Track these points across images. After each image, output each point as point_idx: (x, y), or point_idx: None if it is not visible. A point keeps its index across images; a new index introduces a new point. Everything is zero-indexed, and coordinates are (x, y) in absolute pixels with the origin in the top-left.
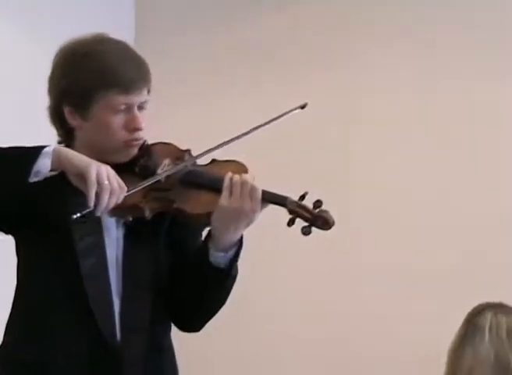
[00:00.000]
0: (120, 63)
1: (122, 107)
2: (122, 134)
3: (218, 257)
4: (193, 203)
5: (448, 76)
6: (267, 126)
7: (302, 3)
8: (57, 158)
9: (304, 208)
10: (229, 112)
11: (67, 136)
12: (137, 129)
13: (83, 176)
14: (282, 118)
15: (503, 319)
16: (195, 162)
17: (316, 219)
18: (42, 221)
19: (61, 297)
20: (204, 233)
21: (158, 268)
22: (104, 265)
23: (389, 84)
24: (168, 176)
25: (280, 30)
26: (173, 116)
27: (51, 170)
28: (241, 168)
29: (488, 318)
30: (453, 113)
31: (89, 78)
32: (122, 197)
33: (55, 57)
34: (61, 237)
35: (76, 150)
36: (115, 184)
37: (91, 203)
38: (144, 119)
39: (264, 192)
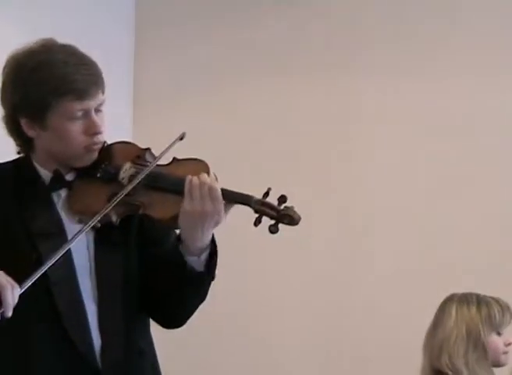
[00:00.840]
0: (70, 71)
1: (79, 113)
2: (82, 140)
3: (192, 261)
4: (159, 208)
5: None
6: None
7: (303, 6)
8: None
9: (269, 205)
10: (230, 112)
11: (26, 145)
12: (97, 133)
13: None
14: (166, 152)
15: (465, 305)
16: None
17: (282, 216)
18: (4, 237)
19: (34, 315)
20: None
21: (130, 269)
22: (71, 274)
23: (389, 85)
24: (130, 181)
25: (281, 31)
26: (172, 115)
27: None
28: (201, 167)
29: (454, 304)
30: (458, 113)
31: (40, 90)
32: (18, 290)
33: (4, 68)
34: (24, 257)
35: (39, 160)
36: (10, 280)
37: None
38: (103, 120)
39: (225, 192)
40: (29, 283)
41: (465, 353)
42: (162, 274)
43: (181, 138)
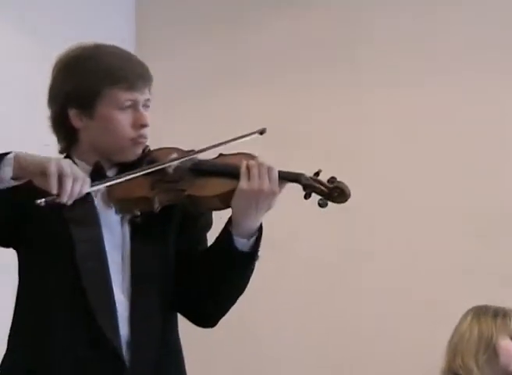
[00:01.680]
0: (123, 62)
1: (128, 103)
2: (129, 131)
3: (241, 243)
4: (205, 188)
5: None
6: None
7: (303, 7)
8: (18, 164)
9: (320, 181)
10: (230, 115)
11: (70, 140)
12: (144, 125)
13: (43, 171)
14: (240, 140)
15: (482, 313)
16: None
17: (332, 190)
18: (40, 224)
19: (60, 302)
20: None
21: (168, 265)
22: (104, 267)
23: (391, 81)
24: (177, 168)
25: (282, 34)
26: (174, 121)
27: (14, 178)
28: (251, 156)
29: (471, 313)
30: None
31: (94, 77)
32: (86, 187)
33: (56, 66)
34: (57, 243)
35: (80, 152)
36: (78, 172)
37: (54, 190)
38: (148, 117)
39: (279, 171)
40: (100, 186)
41: (476, 353)
42: (207, 259)
43: (261, 133)
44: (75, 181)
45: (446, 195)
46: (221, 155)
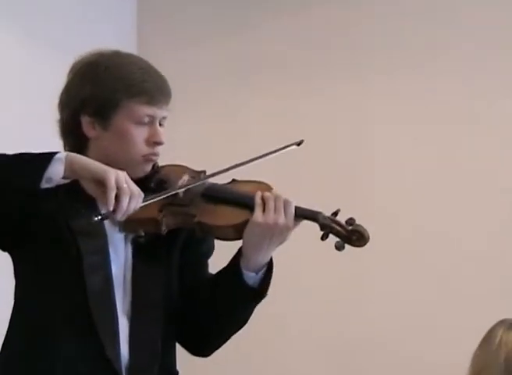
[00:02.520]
0: (145, 74)
1: (146, 119)
2: (142, 147)
3: (249, 277)
4: (218, 216)
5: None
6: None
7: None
8: (70, 165)
9: (338, 223)
10: (235, 121)
11: (79, 148)
12: (158, 143)
13: (100, 181)
14: (277, 153)
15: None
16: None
17: (350, 233)
18: (47, 231)
19: (63, 315)
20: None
21: (170, 289)
22: (109, 283)
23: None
24: (187, 191)
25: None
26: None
27: (63, 177)
28: (266, 186)
29: (501, 330)
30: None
31: (114, 86)
32: (140, 202)
33: (72, 70)
34: (64, 253)
35: None
36: (134, 187)
37: (111, 207)
38: (164, 135)
39: (296, 207)
40: (150, 201)
41: None
42: (212, 291)
43: (298, 144)
44: (131, 198)
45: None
46: (234, 180)
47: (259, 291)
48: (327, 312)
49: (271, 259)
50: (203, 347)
